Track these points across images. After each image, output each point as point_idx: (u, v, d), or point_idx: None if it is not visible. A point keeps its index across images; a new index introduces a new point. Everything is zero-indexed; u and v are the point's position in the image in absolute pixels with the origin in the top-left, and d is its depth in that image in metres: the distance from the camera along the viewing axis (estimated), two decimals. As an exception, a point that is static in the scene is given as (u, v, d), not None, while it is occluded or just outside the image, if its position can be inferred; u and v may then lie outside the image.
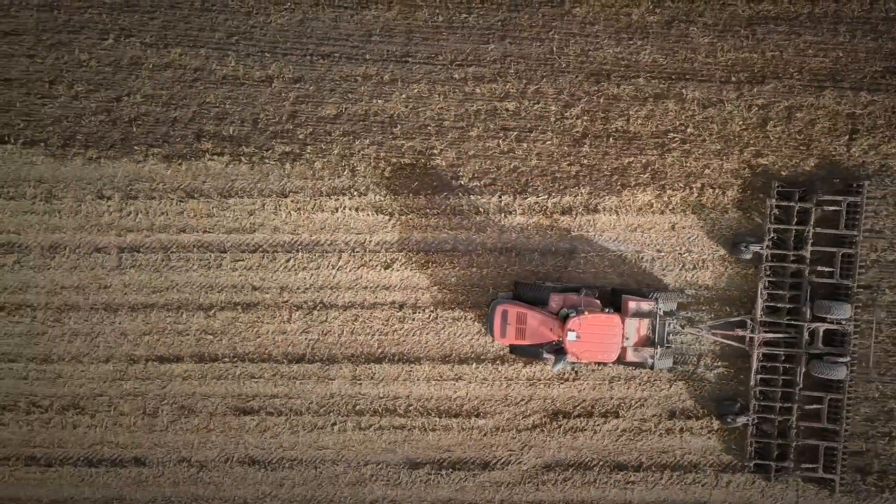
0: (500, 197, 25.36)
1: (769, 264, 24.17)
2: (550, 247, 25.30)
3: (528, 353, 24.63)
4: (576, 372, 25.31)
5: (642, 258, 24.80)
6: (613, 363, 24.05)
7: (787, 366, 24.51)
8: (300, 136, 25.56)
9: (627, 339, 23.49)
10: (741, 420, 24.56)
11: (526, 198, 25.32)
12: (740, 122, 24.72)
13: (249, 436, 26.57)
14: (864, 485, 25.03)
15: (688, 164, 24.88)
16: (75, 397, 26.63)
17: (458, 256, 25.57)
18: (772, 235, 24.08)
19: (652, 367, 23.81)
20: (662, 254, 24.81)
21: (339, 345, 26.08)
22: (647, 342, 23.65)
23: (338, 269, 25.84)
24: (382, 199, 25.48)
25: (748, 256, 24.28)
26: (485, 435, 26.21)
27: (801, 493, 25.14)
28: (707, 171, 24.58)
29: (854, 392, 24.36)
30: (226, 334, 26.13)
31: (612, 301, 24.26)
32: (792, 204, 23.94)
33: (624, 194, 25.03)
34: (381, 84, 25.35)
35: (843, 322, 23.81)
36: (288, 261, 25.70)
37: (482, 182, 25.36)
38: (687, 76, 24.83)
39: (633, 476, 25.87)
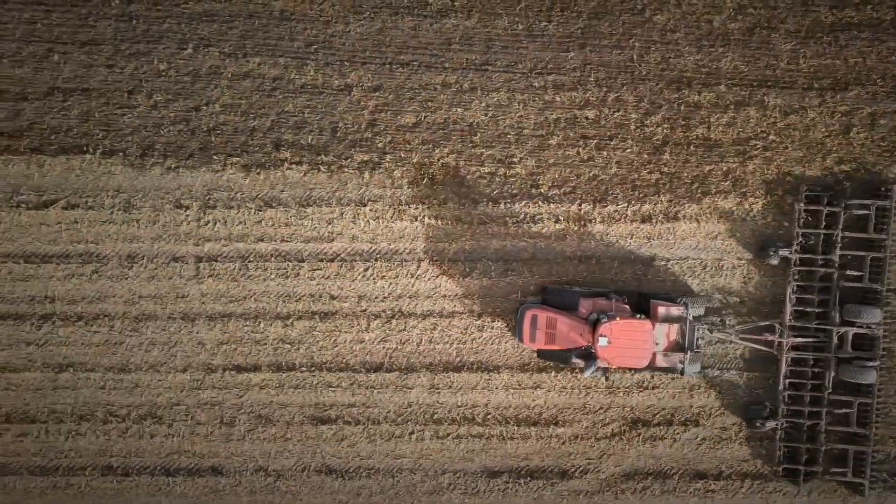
0: (579, 205, 24.88)
1: (798, 268, 23.86)
2: (629, 255, 24.74)
3: (557, 358, 24.33)
4: (606, 377, 24.98)
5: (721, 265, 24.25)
6: (643, 369, 23.66)
7: (816, 370, 24.26)
8: (379, 145, 25.14)
9: (657, 344, 23.17)
10: (769, 425, 24.26)
11: (605, 206, 24.83)
12: (823, 130, 24.24)
13: (326, 445, 26.14)
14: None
15: (769, 172, 24.28)
16: (152, 407, 26.20)
17: (537, 264, 25.22)
18: (800, 240, 23.75)
19: (682, 373, 23.50)
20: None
21: (418, 353, 25.66)
22: (677, 347, 23.29)
23: (416, 278, 25.46)
24: (462, 207, 24.97)
25: (776, 261, 23.99)
26: (563, 443, 25.80)
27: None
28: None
29: (883, 396, 24.05)
30: (303, 343, 25.71)
31: (640, 306, 23.91)
32: (820, 208, 23.65)
33: (704, 202, 24.42)
34: (461, 92, 24.94)
35: (873, 326, 23.50)
36: (366, 270, 25.29)
37: (562, 190, 24.95)
38: (769, 83, 24.40)
39: (713, 485, 25.49)
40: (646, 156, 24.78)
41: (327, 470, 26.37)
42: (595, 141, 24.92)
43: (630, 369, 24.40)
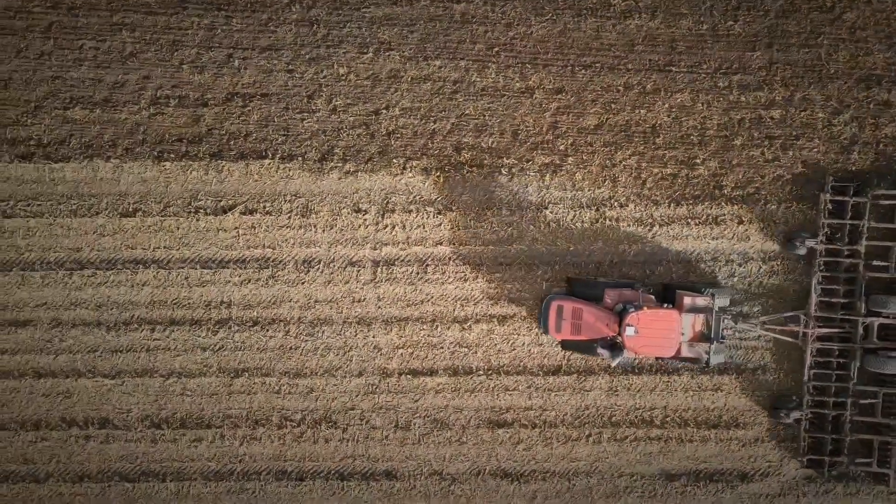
0: (763, 206, 23.48)
1: (823, 259, 22.95)
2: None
3: (581, 349, 23.58)
4: (633, 367, 23.94)
5: None
6: (669, 359, 23.00)
7: (841, 360, 23.33)
8: (560, 148, 23.98)
9: (683, 334, 22.42)
10: (794, 415, 23.44)
11: (790, 206, 23.40)
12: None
13: (502, 448, 24.96)
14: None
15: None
16: (327, 411, 25.09)
17: (719, 266, 23.73)
18: (826, 230, 22.84)
19: (707, 364, 22.75)
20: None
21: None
22: (702, 338, 22.54)
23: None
24: (643, 209, 23.71)
25: (803, 252, 23.12)
26: (743, 446, 24.62)
27: None
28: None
29: None
30: (480, 347, 24.58)
31: (664, 297, 23.18)
32: (846, 198, 22.72)
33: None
34: (644, 94, 23.75)
35: None
36: (544, 273, 23.93)
37: (745, 191, 23.54)
38: (959, 80, 23.04)
39: (898, 486, 23.93)
40: (833, 156, 23.50)
41: (502, 473, 25.17)
42: (780, 141, 23.68)
43: (658, 359, 23.59)
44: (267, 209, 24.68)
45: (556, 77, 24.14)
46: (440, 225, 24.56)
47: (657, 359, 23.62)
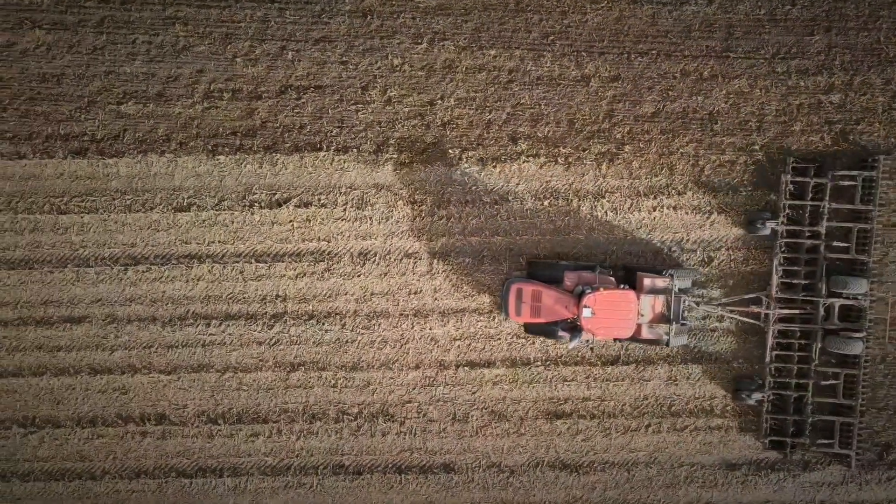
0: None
1: (784, 241, 22.48)
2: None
3: (543, 332, 23.08)
4: (591, 349, 23.47)
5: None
6: (628, 340, 22.51)
7: (803, 342, 23.05)
8: (617, 136, 23.27)
9: (643, 315, 21.99)
10: (756, 397, 22.94)
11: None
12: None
13: (560, 439, 24.23)
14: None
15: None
16: (384, 404, 24.35)
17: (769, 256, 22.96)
18: (787, 211, 22.37)
19: (667, 345, 22.29)
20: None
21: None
22: (663, 319, 22.05)
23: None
24: (701, 197, 22.94)
25: (765, 233, 22.63)
26: (805, 434, 23.57)
27: None
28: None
29: (870, 367, 22.75)
30: (538, 337, 23.60)
31: (626, 279, 22.64)
32: (807, 179, 22.22)
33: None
34: (701, 80, 23.04)
35: (859, 297, 22.20)
36: (602, 261, 23.17)
37: (805, 177, 22.81)
38: None
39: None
40: (893, 140, 22.55)
41: (561, 465, 24.43)
42: (840, 126, 22.76)
43: (616, 340, 23.04)
44: (322, 202, 24.00)
45: (613, 65, 23.45)
46: (496, 216, 23.79)
47: (615, 340, 23.06)
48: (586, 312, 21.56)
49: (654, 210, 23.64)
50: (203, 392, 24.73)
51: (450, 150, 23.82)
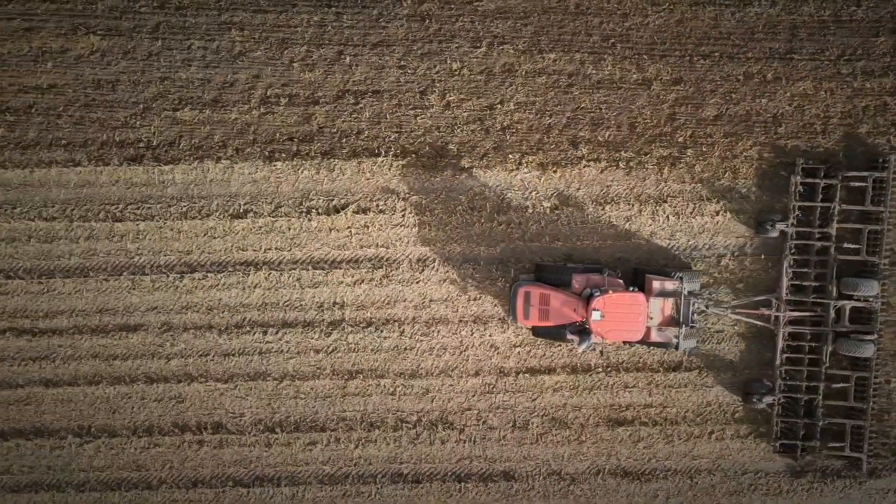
0: (889, 194, 22.19)
1: (795, 242, 22.00)
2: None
3: (551, 335, 22.51)
4: (601, 352, 22.85)
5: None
6: (637, 343, 22.04)
7: (813, 345, 22.55)
8: (679, 140, 22.72)
9: (651, 318, 21.58)
10: (767, 400, 22.44)
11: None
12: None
13: (622, 447, 23.69)
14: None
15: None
16: (444, 412, 23.88)
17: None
18: (797, 213, 21.90)
19: (676, 348, 21.85)
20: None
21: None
22: (672, 322, 21.63)
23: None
24: (764, 202, 22.36)
25: (774, 235, 22.16)
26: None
27: None
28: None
29: (881, 370, 22.33)
30: (599, 343, 23.01)
31: (635, 281, 22.22)
32: (817, 181, 21.70)
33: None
34: (764, 83, 22.46)
35: (870, 299, 21.70)
36: (664, 266, 22.59)
37: (870, 179, 22.22)
38: None
39: None
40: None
41: (622, 472, 23.88)
42: (907, 127, 22.25)
43: (625, 343, 22.53)
44: (380, 207, 23.50)
45: (674, 67, 22.90)
46: (556, 221, 23.24)
47: (625, 343, 22.53)
48: (595, 315, 21.11)
49: (717, 214, 23.02)
50: (260, 400, 24.23)
51: (509, 156, 23.26)
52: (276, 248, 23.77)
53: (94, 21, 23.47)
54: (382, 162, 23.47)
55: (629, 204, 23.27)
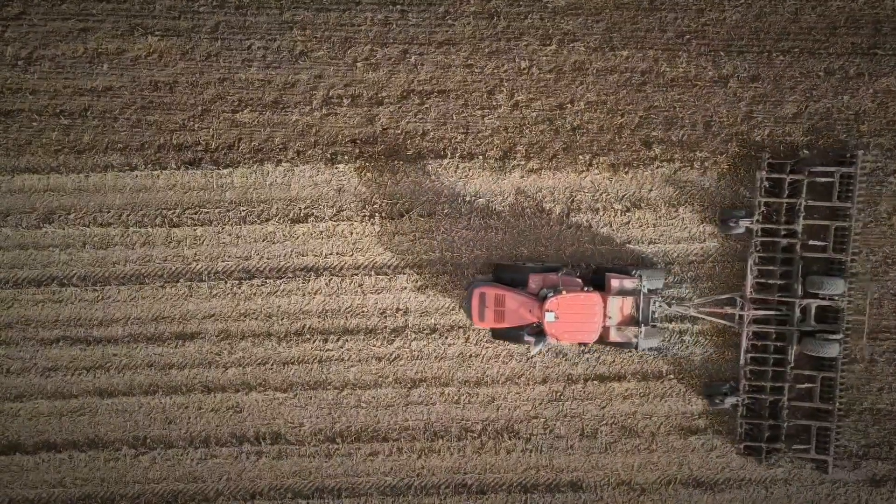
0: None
1: (760, 240, 20.85)
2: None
3: (510, 337, 21.20)
4: (564, 356, 21.97)
5: None
6: (595, 344, 20.99)
7: (779, 344, 21.29)
8: (756, 139, 21.20)
9: (611, 318, 20.38)
10: (730, 401, 21.26)
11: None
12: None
13: (694, 455, 22.52)
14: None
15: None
16: (509, 420, 22.62)
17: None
18: (762, 209, 20.68)
19: (636, 348, 20.70)
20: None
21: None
22: (632, 321, 20.36)
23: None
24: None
25: (739, 231, 20.97)
26: (954, 449, 21.66)
27: None
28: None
29: (847, 370, 21.15)
30: (671, 349, 21.69)
31: (595, 280, 20.99)
32: (783, 176, 20.48)
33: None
34: (846, 79, 21.22)
35: (836, 297, 20.54)
36: (734, 271, 21.32)
37: (953, 178, 20.97)
38: None
39: None
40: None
41: (695, 482, 22.67)
42: None
43: (582, 344, 21.30)
44: (445, 211, 22.15)
45: (752, 64, 21.60)
46: (628, 223, 21.92)
47: (580, 345, 21.45)
48: (549, 316, 19.97)
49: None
50: (320, 410, 22.98)
51: (580, 156, 21.97)
52: (337, 254, 22.56)
53: (152, 21, 22.27)
54: (448, 164, 22.21)
55: (704, 206, 21.93)
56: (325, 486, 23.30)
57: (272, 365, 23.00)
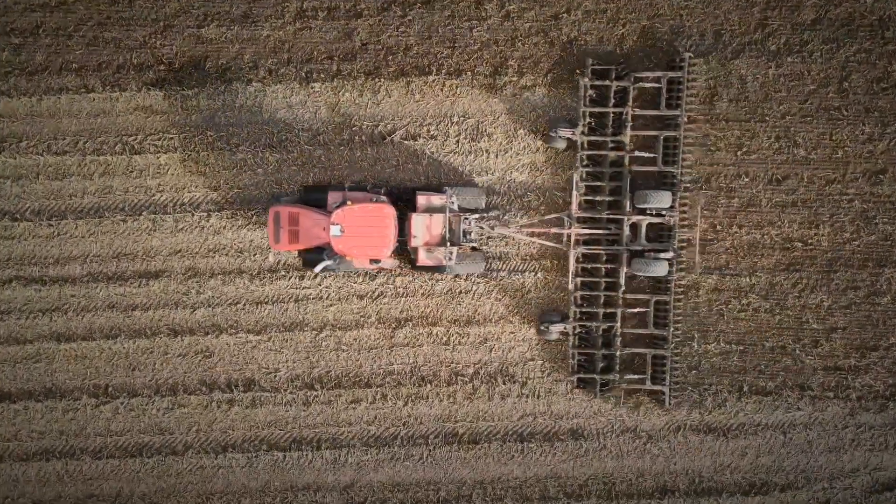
0: None
1: (586, 153, 18.29)
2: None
3: (315, 263, 18.88)
4: (356, 276, 19.59)
5: None
6: (407, 269, 19.24)
7: (610, 267, 19.20)
8: (772, 48, 18.79)
9: (416, 237, 18.34)
10: (557, 329, 18.99)
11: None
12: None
13: (706, 397, 19.54)
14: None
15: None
16: (503, 363, 20.93)
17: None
18: (588, 120, 18.20)
19: (449, 271, 18.50)
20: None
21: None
22: (442, 242, 18.12)
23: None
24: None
25: (561, 145, 18.81)
26: None
27: None
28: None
29: (681, 293, 19.06)
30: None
31: (408, 201, 18.86)
32: (608, 83, 18.11)
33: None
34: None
35: (665, 213, 18.20)
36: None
37: None
38: None
39: None
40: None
41: (706, 428, 21.02)
42: None
43: (373, 262, 18.60)
44: (431, 133, 19.64)
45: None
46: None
47: (373, 262, 18.69)
48: (335, 230, 17.80)
49: (814, 133, 19.18)
50: (297, 354, 20.41)
51: (576, 71, 19.38)
52: (314, 181, 19.89)
53: (107, -73, 19.71)
54: (434, 81, 19.69)
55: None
56: (302, 437, 20.71)
57: (244, 305, 20.46)
